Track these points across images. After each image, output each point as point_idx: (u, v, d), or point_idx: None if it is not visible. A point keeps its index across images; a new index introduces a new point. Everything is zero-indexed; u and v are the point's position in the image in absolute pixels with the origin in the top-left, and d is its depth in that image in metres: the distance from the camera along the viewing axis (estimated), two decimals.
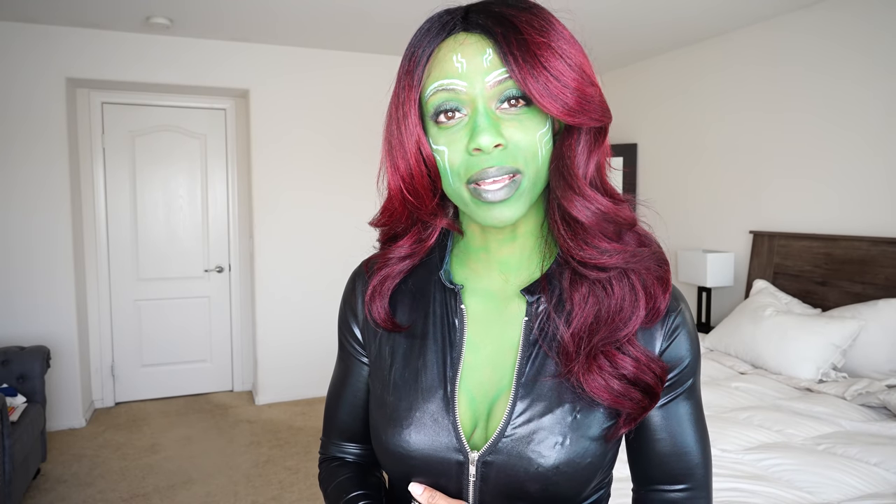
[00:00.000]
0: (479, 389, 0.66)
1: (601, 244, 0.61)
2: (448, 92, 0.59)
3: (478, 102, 0.58)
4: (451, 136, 0.60)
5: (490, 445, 0.63)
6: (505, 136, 0.58)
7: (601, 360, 0.61)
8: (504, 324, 0.67)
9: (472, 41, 0.59)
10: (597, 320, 0.62)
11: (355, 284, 0.77)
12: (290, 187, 4.03)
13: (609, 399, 0.61)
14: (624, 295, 0.62)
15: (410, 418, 0.65)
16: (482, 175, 0.58)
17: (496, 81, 0.58)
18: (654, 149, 4.09)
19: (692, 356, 0.68)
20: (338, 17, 3.37)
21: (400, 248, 0.70)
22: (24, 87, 3.43)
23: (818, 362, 2.54)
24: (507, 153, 0.58)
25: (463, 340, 0.67)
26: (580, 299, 0.63)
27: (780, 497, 1.61)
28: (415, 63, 0.61)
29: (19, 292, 3.49)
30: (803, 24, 3.07)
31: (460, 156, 0.59)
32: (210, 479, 2.98)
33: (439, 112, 0.60)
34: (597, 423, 0.63)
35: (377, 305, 0.71)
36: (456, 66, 0.58)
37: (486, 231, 0.67)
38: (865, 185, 2.82)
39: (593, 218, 0.60)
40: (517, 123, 0.58)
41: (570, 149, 0.60)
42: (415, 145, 0.61)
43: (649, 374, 0.62)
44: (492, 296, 0.69)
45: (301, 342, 4.09)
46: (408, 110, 0.61)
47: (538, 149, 0.59)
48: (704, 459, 0.69)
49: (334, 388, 0.80)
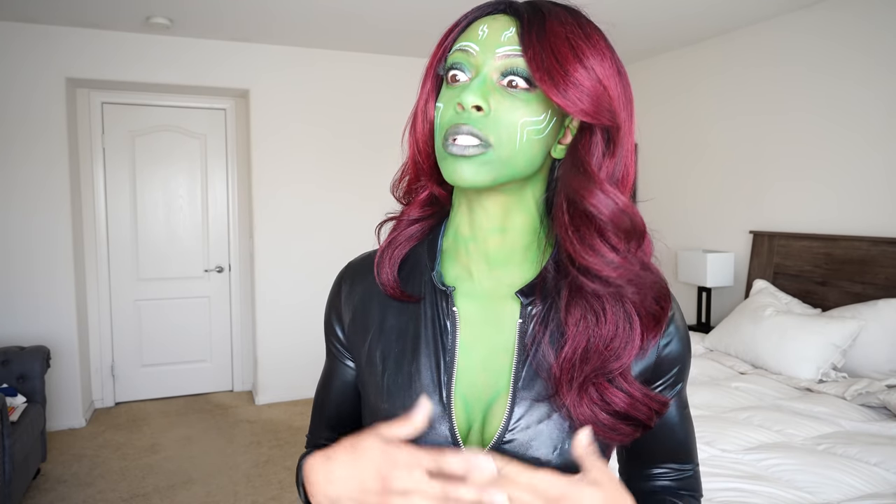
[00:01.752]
0: (473, 392, 0.65)
1: (608, 254, 0.59)
2: (463, 52, 0.62)
3: (482, 68, 0.60)
4: (451, 94, 0.62)
5: (488, 451, 0.62)
6: (489, 104, 0.59)
7: (591, 391, 0.60)
8: (497, 325, 0.67)
9: (503, 19, 0.62)
10: (587, 349, 0.61)
11: (340, 288, 0.76)
12: (290, 187, 4.03)
13: (597, 431, 0.60)
14: (617, 323, 0.61)
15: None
16: (455, 130, 0.59)
17: (504, 55, 0.59)
18: (655, 149, 4.09)
19: (683, 360, 0.69)
20: (337, 18, 3.37)
21: (412, 209, 0.72)
22: (24, 87, 3.43)
23: (818, 362, 2.54)
24: (484, 120, 0.58)
25: (456, 344, 0.66)
26: (573, 322, 0.62)
27: (780, 497, 1.61)
28: (451, 39, 0.65)
29: (19, 292, 3.49)
30: (804, 24, 3.07)
31: (449, 112, 0.61)
32: (210, 479, 2.98)
33: (450, 70, 0.62)
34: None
35: (385, 269, 0.70)
36: (479, 34, 0.61)
37: (473, 213, 0.66)
38: (865, 185, 2.82)
39: (616, 211, 0.59)
40: (507, 101, 0.59)
41: (585, 147, 0.61)
42: (424, 101, 0.66)
43: (643, 410, 0.61)
44: (484, 297, 0.68)
45: (301, 342, 4.09)
46: (429, 72, 0.66)
47: (517, 133, 0.59)
48: (690, 449, 0.74)
49: (322, 386, 0.80)
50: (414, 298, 0.69)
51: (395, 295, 0.70)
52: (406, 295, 0.69)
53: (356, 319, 0.73)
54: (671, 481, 0.74)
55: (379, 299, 0.72)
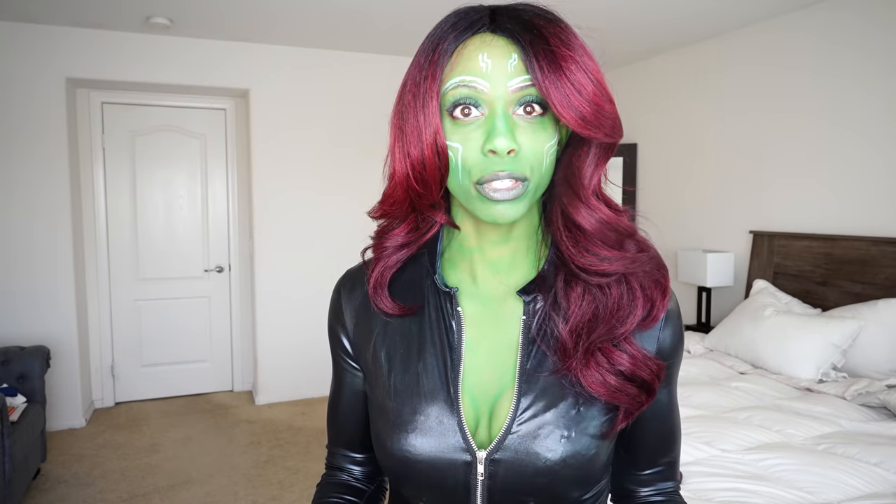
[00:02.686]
0: (480, 389, 0.67)
1: (601, 251, 0.63)
2: (469, 89, 0.59)
3: (497, 105, 0.59)
4: (466, 133, 0.60)
5: (497, 443, 0.64)
6: (518, 143, 0.59)
7: (598, 356, 0.64)
8: (500, 324, 0.68)
9: (499, 44, 0.60)
10: (595, 317, 0.64)
11: (339, 295, 0.77)
12: (291, 187, 4.03)
13: (606, 394, 0.63)
14: (622, 294, 0.65)
15: (415, 422, 0.66)
16: (492, 178, 0.59)
17: (518, 87, 0.59)
18: (655, 149, 4.10)
19: (676, 347, 0.70)
20: (337, 18, 3.37)
21: (396, 237, 0.71)
22: (25, 88, 3.43)
23: (818, 362, 2.54)
24: (517, 160, 0.59)
25: (462, 342, 0.68)
26: (576, 298, 0.65)
27: (780, 497, 1.61)
28: (440, 54, 0.61)
29: (19, 292, 3.49)
30: (803, 24, 3.07)
31: (474, 155, 0.60)
32: (210, 479, 2.98)
33: (457, 106, 0.60)
34: (599, 416, 0.65)
35: (381, 296, 0.71)
36: (481, 66, 0.59)
37: (480, 231, 0.68)
38: (865, 185, 2.82)
39: (596, 225, 0.63)
40: (530, 132, 0.59)
41: (580, 160, 0.63)
42: (433, 135, 0.61)
43: (646, 370, 0.65)
44: (486, 297, 0.70)
45: (301, 342, 4.09)
46: (429, 100, 0.61)
47: (544, 158, 0.61)
48: (675, 440, 0.76)
49: (332, 396, 0.81)
50: (416, 308, 0.70)
51: (399, 314, 0.71)
52: (408, 309, 0.70)
53: (360, 324, 0.74)
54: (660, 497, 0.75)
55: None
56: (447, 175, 0.63)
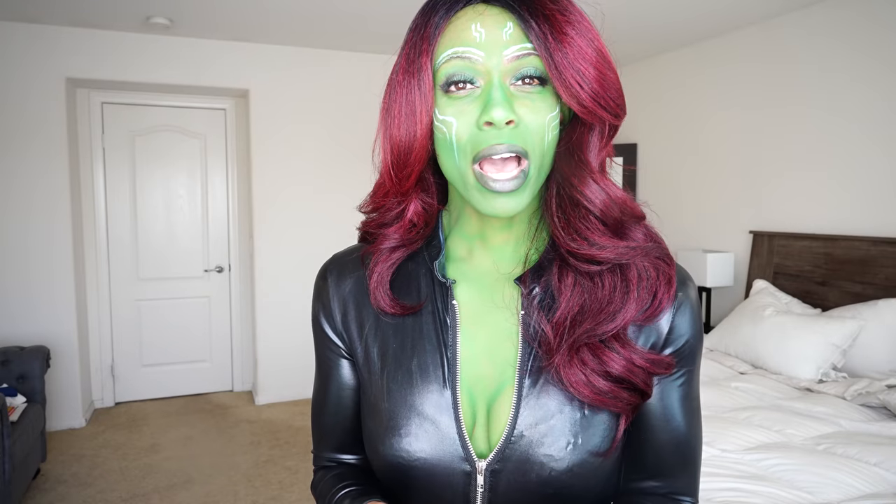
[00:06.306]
0: (478, 385, 0.63)
1: (593, 237, 0.59)
2: (463, 60, 0.56)
3: (493, 75, 0.56)
4: (460, 107, 0.57)
5: (498, 452, 0.60)
6: (517, 114, 0.55)
7: (585, 354, 0.58)
8: (497, 311, 0.64)
9: (492, 13, 0.56)
10: (581, 311, 0.59)
11: (327, 280, 0.72)
12: (290, 187, 4.03)
13: (591, 397, 0.58)
14: (615, 287, 0.60)
15: (409, 425, 0.62)
16: (490, 151, 0.55)
17: (514, 56, 0.55)
18: (655, 149, 4.09)
19: (692, 335, 0.64)
20: (337, 18, 3.37)
21: (388, 240, 0.67)
22: (24, 87, 3.43)
23: (818, 362, 2.54)
24: (517, 132, 0.55)
25: (457, 338, 0.64)
26: (566, 288, 0.60)
27: (780, 497, 1.61)
28: (432, 27, 0.58)
29: (19, 292, 3.49)
30: (803, 23, 3.07)
31: (469, 129, 0.56)
32: (210, 479, 2.98)
33: (451, 81, 0.57)
34: (606, 420, 0.60)
35: (381, 296, 0.66)
36: (474, 36, 0.56)
37: (483, 217, 0.64)
38: (865, 185, 2.81)
39: (606, 201, 0.58)
40: (529, 103, 0.56)
41: (583, 135, 0.59)
42: (428, 113, 0.58)
43: (640, 375, 0.59)
44: (481, 282, 0.66)
45: (301, 342, 4.09)
46: (423, 75, 0.58)
47: (545, 132, 0.57)
48: (692, 448, 0.65)
49: (316, 395, 0.75)
50: (418, 307, 0.66)
51: (400, 312, 0.66)
52: (410, 308, 0.66)
53: (348, 314, 0.69)
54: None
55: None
56: (440, 155, 0.60)
